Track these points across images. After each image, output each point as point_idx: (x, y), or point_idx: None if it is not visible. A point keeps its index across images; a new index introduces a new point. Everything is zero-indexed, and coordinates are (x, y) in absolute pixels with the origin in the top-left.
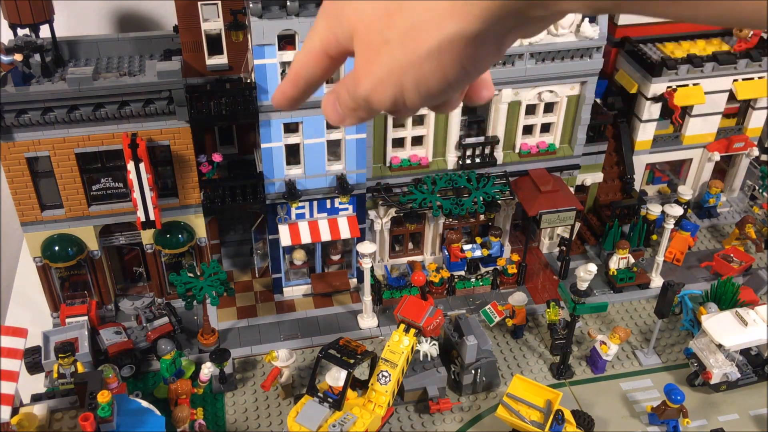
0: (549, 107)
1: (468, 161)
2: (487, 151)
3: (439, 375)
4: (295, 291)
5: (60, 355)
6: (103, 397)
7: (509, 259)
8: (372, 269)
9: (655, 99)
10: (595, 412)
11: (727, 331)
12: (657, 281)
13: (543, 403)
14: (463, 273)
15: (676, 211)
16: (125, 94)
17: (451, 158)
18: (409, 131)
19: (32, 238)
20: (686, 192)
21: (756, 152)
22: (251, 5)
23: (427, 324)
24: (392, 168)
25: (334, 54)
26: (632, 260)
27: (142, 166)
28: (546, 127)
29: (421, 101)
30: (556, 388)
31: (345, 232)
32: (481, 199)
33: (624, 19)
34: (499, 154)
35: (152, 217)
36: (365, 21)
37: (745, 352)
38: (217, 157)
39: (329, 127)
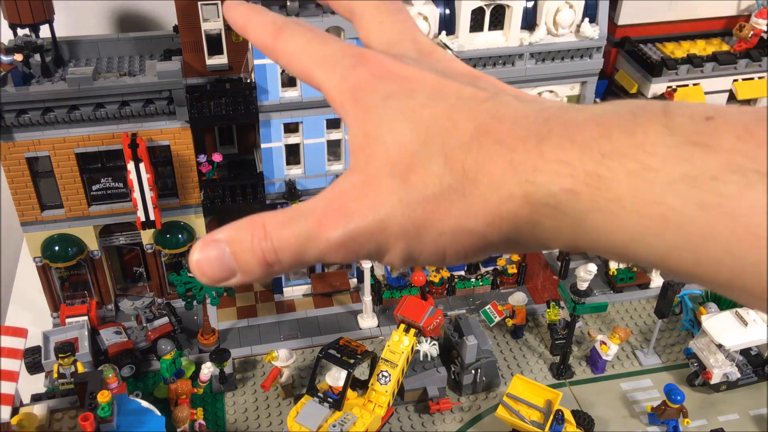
0: None
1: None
2: None
3: (439, 375)
4: (295, 291)
5: (60, 355)
6: (103, 397)
7: (509, 259)
8: (372, 269)
9: (655, 99)
10: (595, 412)
11: (727, 331)
12: (657, 281)
13: (543, 403)
14: (463, 273)
15: None
16: (125, 94)
17: None
18: None
19: (32, 238)
20: None
21: None
22: None
23: (427, 324)
24: None
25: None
26: None
27: (142, 166)
28: None
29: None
30: (556, 388)
31: None
32: None
33: (624, 19)
34: None
35: (152, 217)
36: (381, 152)
37: (745, 352)
38: (217, 157)
39: (329, 126)
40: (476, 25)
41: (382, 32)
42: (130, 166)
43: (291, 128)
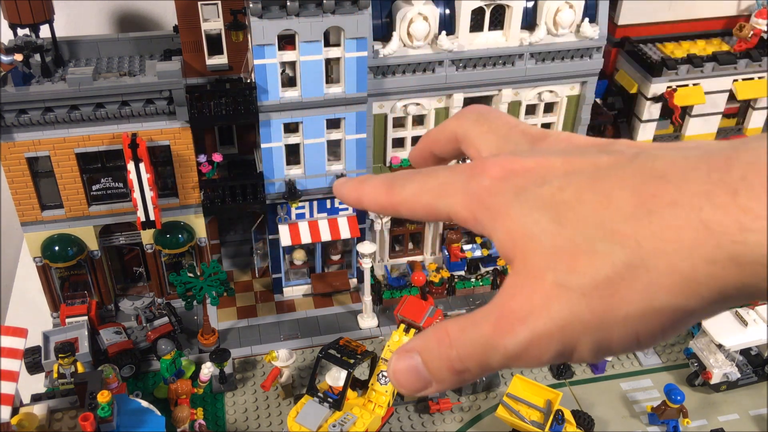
0: (549, 107)
1: (468, 161)
2: None
3: None
4: (295, 291)
5: (60, 355)
6: (103, 397)
7: None
8: (372, 269)
9: (655, 99)
10: (595, 412)
11: (727, 331)
12: None
13: (543, 403)
14: (463, 273)
15: None
16: (125, 94)
17: None
18: (409, 131)
19: (32, 238)
20: None
21: None
22: (251, 5)
23: (427, 324)
24: (392, 168)
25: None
26: None
27: (142, 166)
28: (546, 127)
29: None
30: (556, 388)
31: (345, 232)
32: None
33: (624, 19)
34: None
35: (152, 217)
36: (533, 247)
37: (745, 352)
38: (217, 157)
39: (329, 126)
40: (476, 25)
41: (488, 141)
42: (130, 166)
43: (291, 128)
